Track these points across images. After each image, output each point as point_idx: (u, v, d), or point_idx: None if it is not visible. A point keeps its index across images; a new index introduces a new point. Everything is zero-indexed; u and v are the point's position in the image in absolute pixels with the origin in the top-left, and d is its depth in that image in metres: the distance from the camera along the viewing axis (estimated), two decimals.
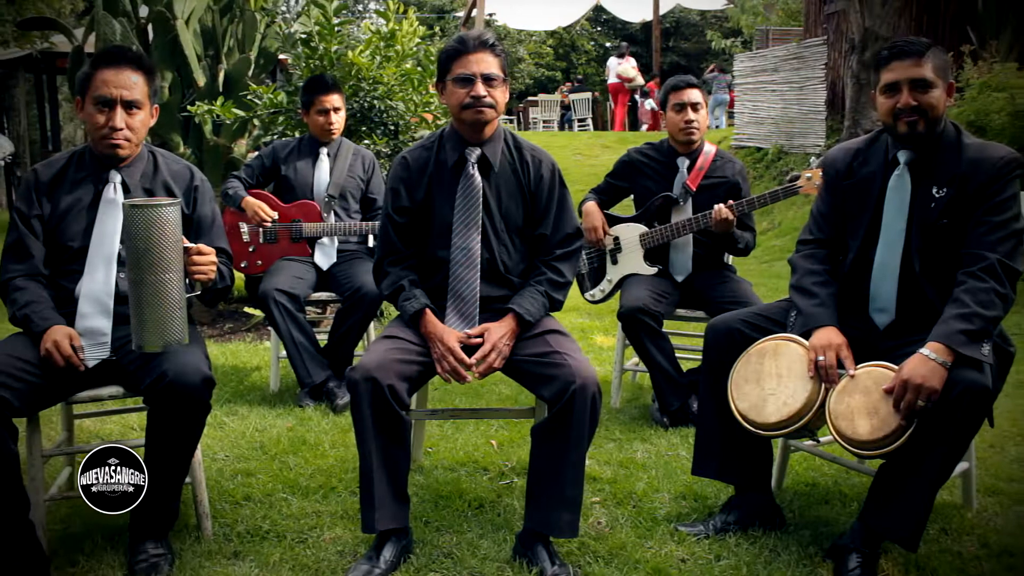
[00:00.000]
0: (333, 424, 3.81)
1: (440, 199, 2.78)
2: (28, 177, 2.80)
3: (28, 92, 14.76)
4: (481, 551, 2.65)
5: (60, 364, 2.49)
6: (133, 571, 2.50)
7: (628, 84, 19.40)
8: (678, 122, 3.95)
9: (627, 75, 19.23)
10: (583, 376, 2.49)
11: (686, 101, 3.93)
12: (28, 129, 14.66)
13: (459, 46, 2.70)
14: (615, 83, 19.60)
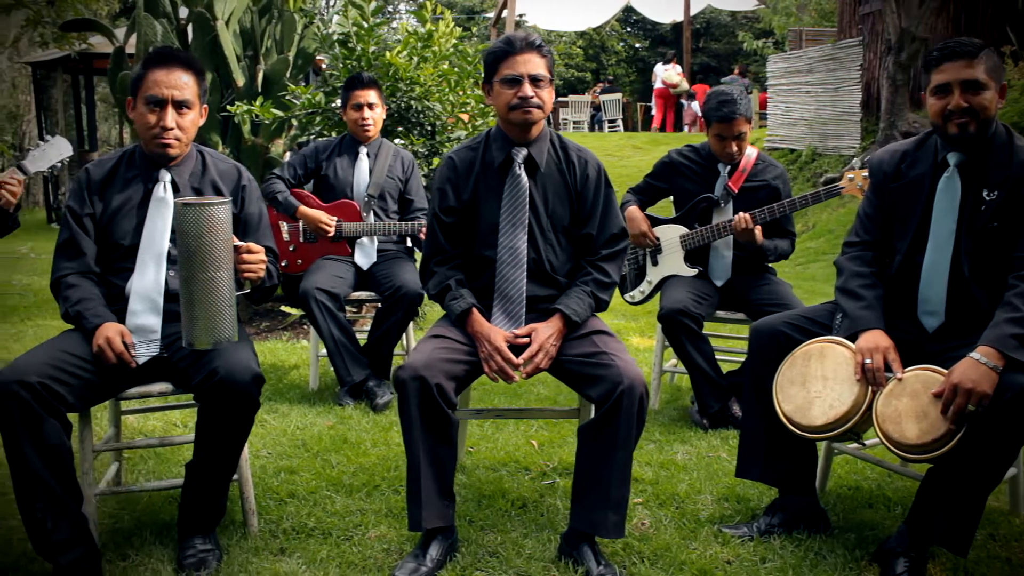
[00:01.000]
0: (374, 423, 3.83)
1: (487, 199, 2.79)
2: (80, 176, 2.83)
3: (65, 93, 14.93)
4: (526, 551, 2.65)
5: (112, 361, 2.52)
6: (182, 566, 2.53)
7: (674, 89, 19.79)
8: (719, 149, 3.90)
9: (672, 81, 19.66)
10: (631, 377, 2.49)
11: (728, 135, 3.83)
12: (65, 129, 14.84)
13: (506, 47, 2.71)
14: (660, 88, 20.00)
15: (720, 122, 3.82)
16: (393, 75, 5.49)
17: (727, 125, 3.81)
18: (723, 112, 3.81)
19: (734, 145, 3.86)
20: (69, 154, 3.43)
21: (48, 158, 3.45)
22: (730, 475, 3.25)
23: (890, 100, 9.47)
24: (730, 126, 3.81)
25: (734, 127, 3.81)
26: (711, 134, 3.91)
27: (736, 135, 3.83)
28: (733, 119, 3.79)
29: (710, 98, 3.91)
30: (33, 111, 15.48)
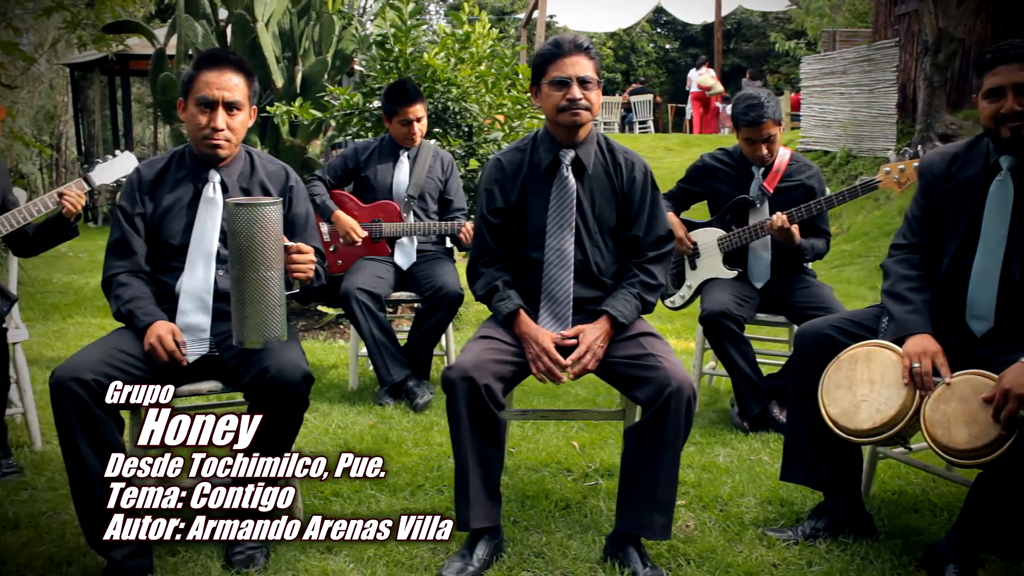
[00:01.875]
0: (414, 423, 3.85)
1: (534, 201, 2.80)
2: (131, 176, 2.87)
3: (101, 93, 15.11)
4: (571, 551, 2.66)
5: (164, 359, 2.55)
6: (231, 562, 2.56)
7: (708, 92, 20.07)
8: (750, 152, 3.89)
9: (706, 84, 19.94)
10: (678, 379, 2.49)
11: (758, 139, 3.82)
12: (101, 129, 15.01)
13: (554, 49, 2.71)
14: (697, 92, 20.33)
15: (748, 126, 3.82)
16: (431, 76, 5.52)
17: (756, 129, 3.80)
18: (751, 116, 3.80)
19: (764, 148, 3.84)
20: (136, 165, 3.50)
21: (114, 172, 3.52)
22: (773, 478, 3.24)
23: (927, 102, 9.38)
24: (758, 130, 3.80)
25: (763, 130, 3.80)
26: (741, 138, 3.90)
27: (765, 138, 3.81)
28: (761, 123, 3.78)
29: (737, 102, 3.91)
30: (70, 112, 15.65)
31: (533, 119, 5.96)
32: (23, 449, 3.58)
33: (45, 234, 3.51)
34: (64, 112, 16.78)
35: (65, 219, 3.43)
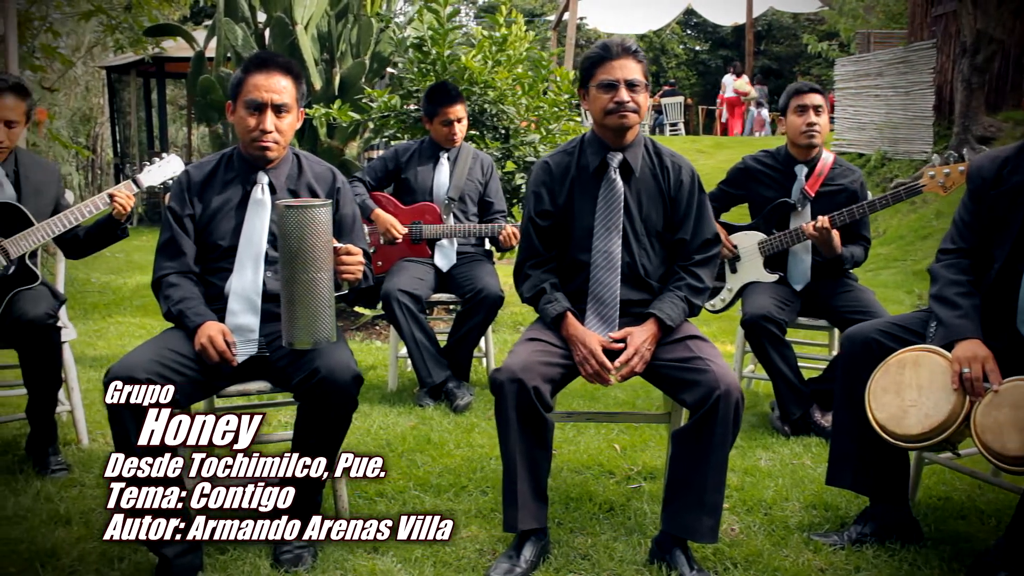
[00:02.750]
0: (455, 424, 3.87)
1: (581, 203, 2.80)
2: (181, 178, 2.90)
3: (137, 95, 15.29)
4: (617, 554, 2.66)
5: (214, 359, 2.58)
6: (278, 560, 2.58)
7: (744, 97, 20.83)
8: (799, 125, 3.90)
9: (743, 89, 20.75)
10: (727, 382, 2.49)
11: (808, 104, 3.88)
12: (137, 130, 15.19)
13: (602, 52, 2.72)
14: (731, 97, 21.04)
15: (797, 94, 3.93)
16: (468, 79, 5.54)
17: (804, 95, 3.91)
18: (800, 85, 4.00)
19: (812, 114, 3.89)
20: (181, 171, 3.54)
21: (162, 174, 3.57)
22: (816, 482, 3.23)
23: (964, 103, 9.29)
24: (807, 95, 3.91)
25: (812, 96, 3.91)
26: (791, 110, 3.95)
27: (815, 105, 3.89)
28: (811, 90, 3.94)
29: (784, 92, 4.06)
30: (107, 114, 15.85)
31: (569, 122, 5.97)
32: (71, 446, 3.63)
33: (96, 236, 3.55)
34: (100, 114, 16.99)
35: (115, 221, 3.47)
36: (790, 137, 3.98)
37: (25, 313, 3.18)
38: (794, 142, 3.97)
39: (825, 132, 3.95)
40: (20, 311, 3.20)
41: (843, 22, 17.36)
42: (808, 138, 3.91)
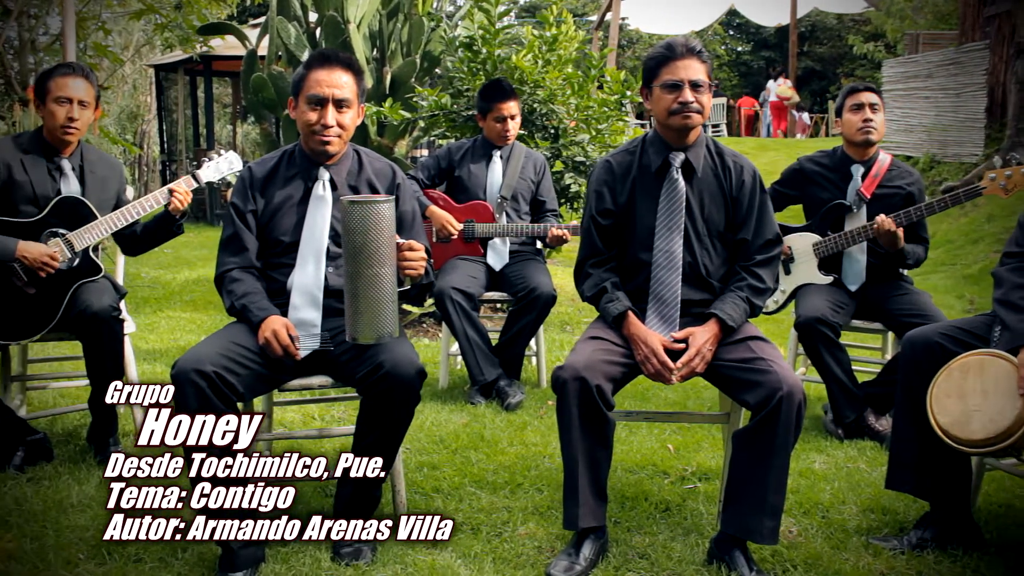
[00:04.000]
0: (507, 422, 3.88)
1: (643, 202, 2.80)
2: (243, 174, 2.94)
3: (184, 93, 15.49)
4: (675, 553, 2.66)
5: (278, 353, 2.61)
6: (338, 554, 2.61)
7: (787, 102, 21.25)
8: (856, 122, 3.88)
9: (785, 95, 21.16)
10: (790, 383, 2.48)
11: (864, 101, 3.86)
12: (184, 127, 15.38)
13: (667, 52, 2.72)
14: (775, 101, 21.49)
15: (853, 92, 3.93)
16: (518, 78, 5.55)
17: (859, 93, 3.91)
18: (855, 84, 3.97)
19: (868, 111, 3.87)
20: (238, 167, 3.60)
21: (220, 170, 3.62)
22: (872, 486, 3.20)
23: (1018, 105, 9.15)
24: (863, 93, 3.91)
25: (868, 94, 3.90)
26: (847, 109, 3.93)
27: (871, 103, 3.88)
28: (866, 88, 3.93)
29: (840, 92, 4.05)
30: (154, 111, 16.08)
31: (619, 122, 5.96)
32: (129, 438, 3.69)
33: (153, 232, 3.60)
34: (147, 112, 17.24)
35: (171, 217, 3.52)
36: (847, 136, 3.95)
37: (90, 305, 3.25)
38: (851, 140, 3.94)
39: (882, 131, 3.91)
40: (85, 303, 3.26)
41: (890, 23, 17.13)
42: (864, 134, 3.87)
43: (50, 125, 3.37)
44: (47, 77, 3.36)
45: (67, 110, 3.34)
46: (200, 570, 2.55)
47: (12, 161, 3.35)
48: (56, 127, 3.35)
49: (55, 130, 3.36)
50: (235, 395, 2.50)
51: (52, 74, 3.36)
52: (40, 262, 3.21)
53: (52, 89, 3.33)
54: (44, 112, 3.37)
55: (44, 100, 3.35)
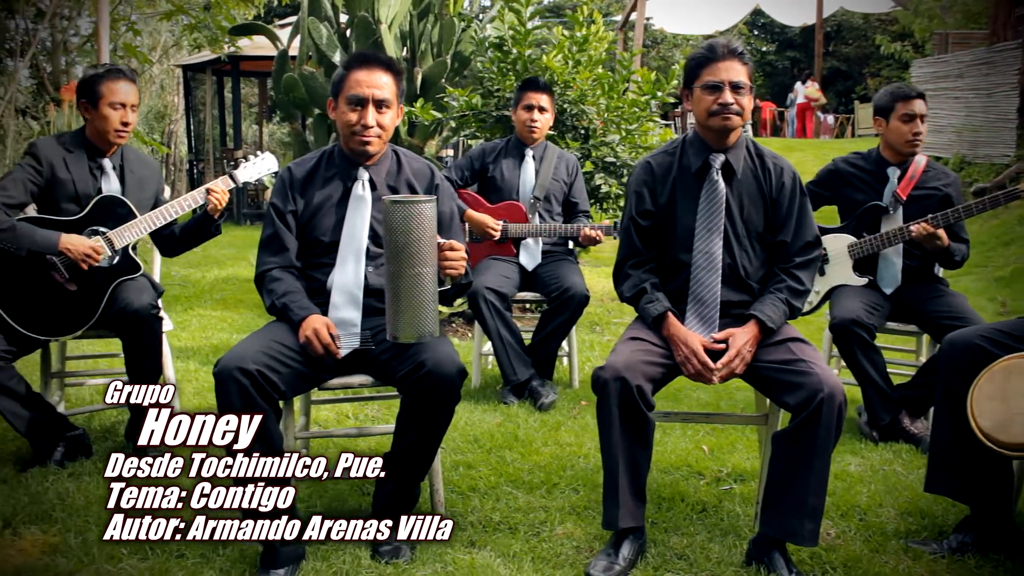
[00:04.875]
0: (541, 422, 3.89)
1: (683, 203, 2.80)
2: (283, 174, 2.96)
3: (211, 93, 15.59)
4: (714, 555, 2.66)
5: (319, 352, 2.63)
6: (378, 552, 2.63)
7: (815, 103, 21.69)
8: (905, 133, 3.83)
9: (813, 96, 21.62)
10: (830, 385, 2.47)
11: (916, 112, 3.80)
12: (211, 127, 15.48)
13: (708, 53, 2.72)
14: (802, 103, 21.91)
15: (905, 100, 3.83)
16: (548, 79, 5.55)
17: (912, 102, 3.81)
18: (908, 90, 3.85)
19: (920, 123, 3.82)
20: (275, 168, 3.63)
21: (257, 171, 3.66)
22: (909, 489, 3.19)
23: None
24: (915, 102, 3.81)
25: (919, 104, 3.82)
26: (896, 116, 3.85)
27: (922, 114, 3.82)
28: (918, 96, 3.83)
29: (883, 93, 3.94)
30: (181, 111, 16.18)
31: (648, 122, 5.95)
32: None
33: (191, 232, 3.64)
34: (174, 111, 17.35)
35: (209, 217, 3.55)
36: (893, 143, 3.89)
37: (130, 303, 3.28)
38: (897, 149, 3.89)
39: (924, 137, 3.87)
40: (125, 301, 3.30)
41: (918, 22, 16.98)
42: (913, 147, 3.84)
43: (102, 128, 3.41)
44: (97, 81, 3.40)
45: (121, 115, 3.40)
46: (241, 566, 2.57)
47: (55, 160, 3.39)
48: (109, 131, 3.41)
49: (107, 133, 3.41)
50: (277, 393, 2.52)
51: (103, 78, 3.40)
52: (83, 254, 3.25)
53: (105, 94, 3.38)
54: (94, 115, 3.40)
55: (95, 104, 3.39)
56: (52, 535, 2.75)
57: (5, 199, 3.25)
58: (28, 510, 2.90)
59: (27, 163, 3.37)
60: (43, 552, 2.65)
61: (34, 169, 3.36)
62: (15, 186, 3.30)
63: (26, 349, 3.34)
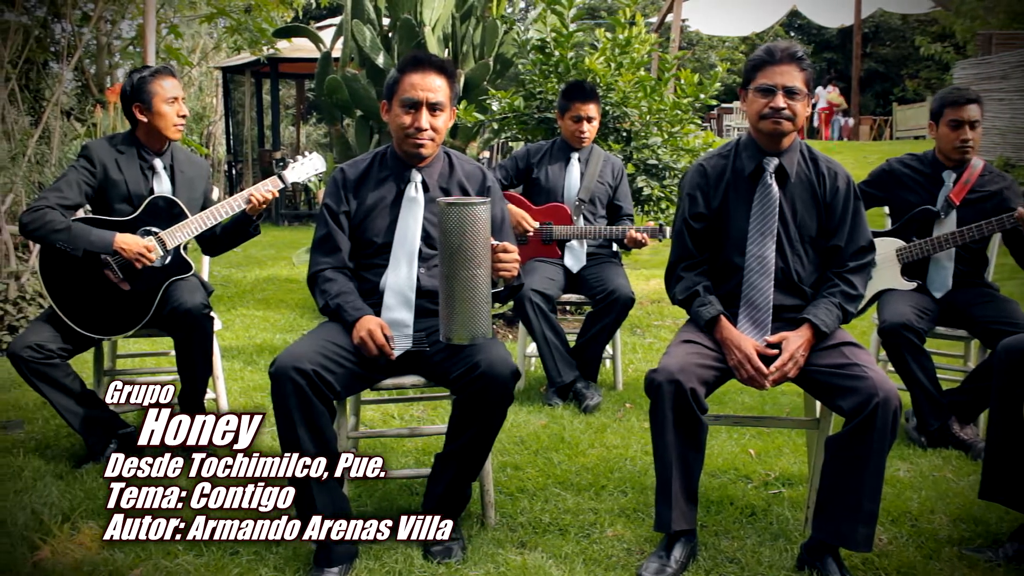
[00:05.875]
0: (586, 424, 3.89)
1: (736, 207, 2.80)
2: (336, 176, 2.98)
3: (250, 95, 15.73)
4: (765, 558, 2.65)
5: (373, 352, 2.65)
6: (429, 552, 2.64)
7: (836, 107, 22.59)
8: (953, 139, 3.79)
9: (835, 101, 22.54)
10: (886, 390, 2.45)
11: (964, 118, 3.74)
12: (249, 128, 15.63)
13: (766, 57, 2.71)
14: (824, 107, 22.61)
15: (953, 105, 3.77)
16: (591, 81, 5.55)
17: (960, 108, 3.75)
18: (957, 96, 3.79)
19: (968, 130, 3.76)
20: (322, 169, 3.66)
21: (305, 171, 3.70)
22: (961, 495, 3.16)
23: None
24: (964, 108, 3.75)
25: (969, 109, 3.75)
26: (944, 121, 3.81)
27: (971, 120, 3.76)
28: (968, 101, 3.76)
29: (936, 96, 3.91)
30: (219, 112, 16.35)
31: (690, 124, 5.93)
32: None
33: (231, 233, 3.68)
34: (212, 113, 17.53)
35: (248, 217, 3.58)
36: (941, 148, 3.87)
37: (183, 303, 3.33)
38: (945, 154, 3.86)
39: (978, 145, 3.82)
40: (178, 300, 3.34)
41: (960, 23, 16.78)
42: (961, 154, 3.80)
43: (161, 125, 3.48)
44: (146, 83, 3.46)
45: (176, 108, 3.51)
46: (295, 564, 2.60)
47: (108, 161, 3.45)
48: (168, 126, 3.50)
49: (167, 129, 3.50)
50: (332, 393, 2.55)
51: (151, 79, 3.46)
52: (136, 254, 3.30)
53: (158, 91, 3.44)
54: (151, 116, 3.47)
55: (150, 104, 3.44)
56: None
57: (60, 200, 3.31)
58: (84, 505, 2.94)
59: (81, 164, 3.43)
60: (101, 547, 2.69)
61: (88, 171, 3.42)
62: (70, 187, 3.36)
63: (81, 347, 3.40)
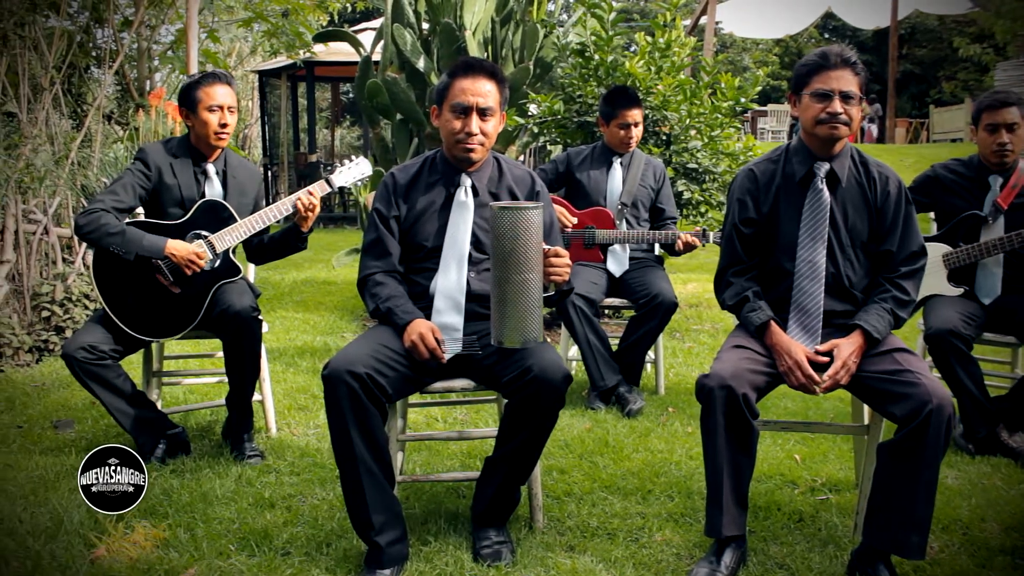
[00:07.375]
0: (629, 428, 3.89)
1: (786, 212, 2.79)
2: (387, 180, 3.01)
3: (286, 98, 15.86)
4: (814, 565, 2.64)
5: (424, 356, 2.67)
6: (479, 555, 2.66)
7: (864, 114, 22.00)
8: (990, 143, 3.76)
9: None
10: (939, 396, 2.44)
11: (1000, 122, 3.72)
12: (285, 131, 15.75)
13: (820, 61, 2.70)
14: None
15: (989, 110, 3.76)
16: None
17: (996, 112, 3.74)
18: (992, 100, 3.78)
19: (1004, 134, 3.73)
20: (369, 173, 3.69)
21: (352, 175, 3.73)
22: (1012, 503, 3.13)
23: None
24: (1000, 112, 3.73)
25: (1005, 112, 3.73)
26: (982, 126, 3.80)
27: (1008, 123, 3.73)
28: (1004, 104, 3.74)
29: (978, 99, 3.90)
30: (255, 115, 16.52)
31: (729, 128, 5.92)
32: (260, 434, 3.81)
33: (279, 243, 3.69)
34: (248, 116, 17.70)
35: (297, 229, 3.59)
36: (981, 153, 3.85)
37: (232, 305, 3.37)
38: (985, 160, 3.84)
39: (1020, 148, 3.79)
40: (227, 303, 3.38)
41: (1000, 23, 16.56)
42: (1000, 157, 3.77)
43: (202, 132, 3.51)
44: (194, 87, 3.50)
45: (219, 117, 3.50)
46: (346, 566, 2.62)
47: (163, 165, 3.50)
48: (209, 134, 3.50)
49: (208, 136, 3.51)
50: (384, 396, 2.57)
51: (199, 84, 3.50)
52: (187, 259, 3.35)
53: (203, 98, 3.47)
54: (195, 120, 3.51)
55: (194, 109, 3.49)
56: (162, 529, 2.84)
57: (116, 203, 3.37)
58: (138, 505, 2.98)
59: (137, 168, 3.48)
60: (155, 546, 2.73)
61: (143, 174, 3.47)
62: (125, 190, 3.41)
63: (131, 349, 3.46)
